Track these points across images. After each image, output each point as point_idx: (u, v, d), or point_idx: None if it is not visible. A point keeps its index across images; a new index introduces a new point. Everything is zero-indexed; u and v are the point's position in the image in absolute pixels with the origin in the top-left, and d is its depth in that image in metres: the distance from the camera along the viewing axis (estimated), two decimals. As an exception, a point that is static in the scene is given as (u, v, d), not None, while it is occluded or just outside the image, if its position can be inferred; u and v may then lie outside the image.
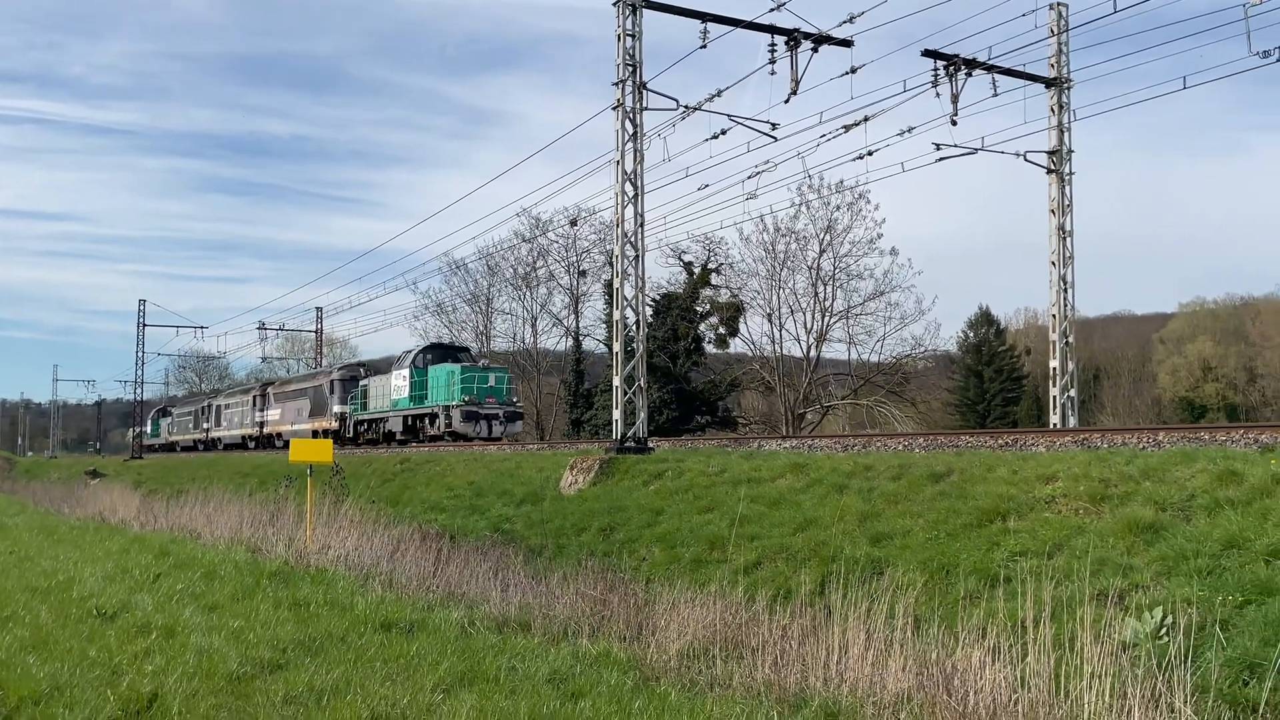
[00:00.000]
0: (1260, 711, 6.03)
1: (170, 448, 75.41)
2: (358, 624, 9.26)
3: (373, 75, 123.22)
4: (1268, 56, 18.69)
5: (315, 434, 44.81)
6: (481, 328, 62.33)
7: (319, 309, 66.02)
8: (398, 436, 38.45)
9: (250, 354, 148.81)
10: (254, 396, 56.28)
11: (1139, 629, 7.72)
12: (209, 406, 66.12)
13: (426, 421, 36.39)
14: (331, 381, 46.61)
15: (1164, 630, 7.62)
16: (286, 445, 41.48)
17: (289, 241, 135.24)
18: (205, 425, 65.30)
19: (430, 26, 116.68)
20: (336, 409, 44.79)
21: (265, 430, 54.32)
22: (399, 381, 38.40)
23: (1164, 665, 6.20)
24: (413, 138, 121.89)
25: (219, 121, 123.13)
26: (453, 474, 24.63)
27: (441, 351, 38.76)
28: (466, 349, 42.21)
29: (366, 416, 41.35)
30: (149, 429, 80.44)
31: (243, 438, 57.50)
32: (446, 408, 34.63)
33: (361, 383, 43.02)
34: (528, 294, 60.81)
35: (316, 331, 67.60)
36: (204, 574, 12.84)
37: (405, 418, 37.49)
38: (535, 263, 59.42)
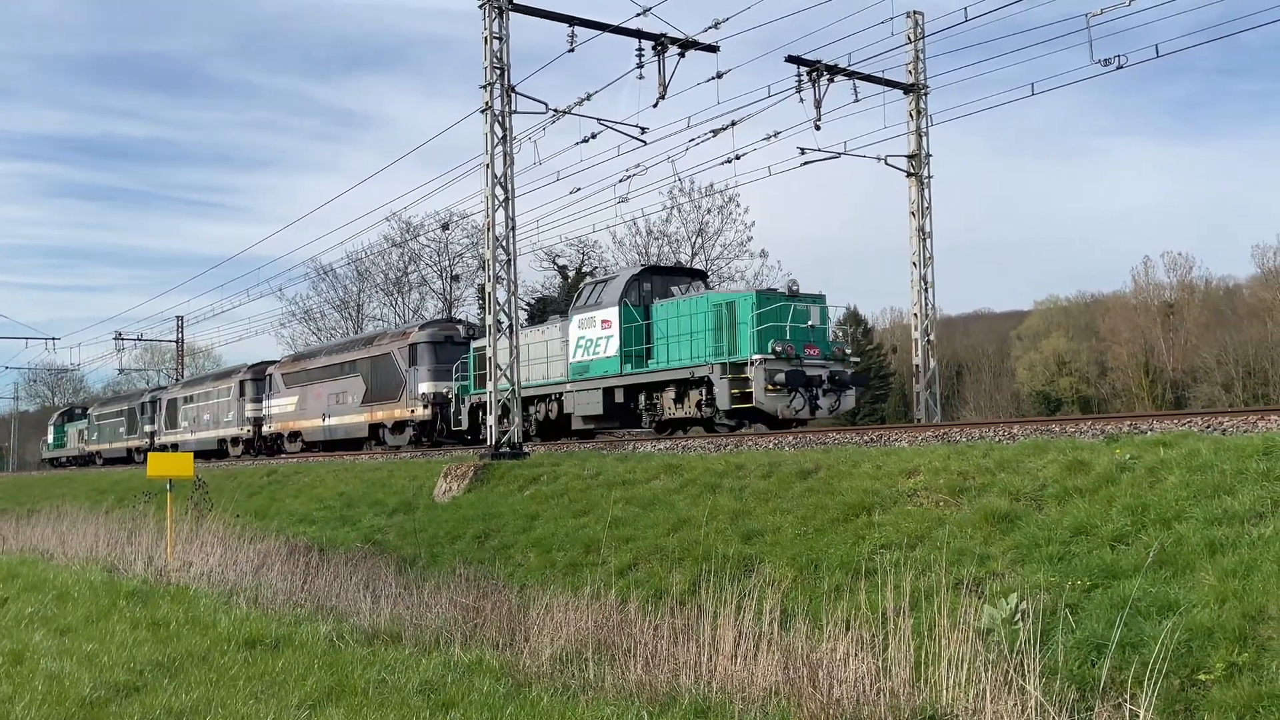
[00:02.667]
0: (1101, 687, 6.33)
1: (85, 460, 61.95)
2: (220, 642, 8.98)
3: (235, 76, 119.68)
4: (1108, 64, 19.67)
5: (381, 429, 32.64)
6: (351, 334, 61.11)
7: (180, 318, 63.76)
8: (595, 423, 24.02)
9: (107, 365, 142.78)
10: (241, 382, 42.71)
11: (995, 615, 8.02)
12: (154, 403, 52.62)
13: (664, 395, 21.91)
14: (412, 348, 31.41)
15: (1018, 616, 7.93)
16: (312, 449, 35.98)
17: (148, 248, 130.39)
18: (149, 428, 52.43)
19: (294, 26, 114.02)
20: (424, 388, 30.38)
21: (269, 428, 40.20)
22: (589, 332, 23.33)
23: (1016, 649, 6.45)
24: (278, 140, 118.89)
25: (71, 124, 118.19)
26: (322, 485, 24.08)
27: (666, 279, 23.90)
28: (702, 274, 25.88)
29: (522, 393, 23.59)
30: (50, 438, 68.31)
31: (221, 442, 43.93)
32: (727, 368, 20.28)
33: (475, 345, 27.81)
34: (399, 299, 59.96)
35: (178, 341, 65.25)
36: (56, 596, 12.29)
37: (611, 391, 22.76)
38: (407, 268, 58.57)
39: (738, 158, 23.95)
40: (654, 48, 21.35)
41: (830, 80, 23.11)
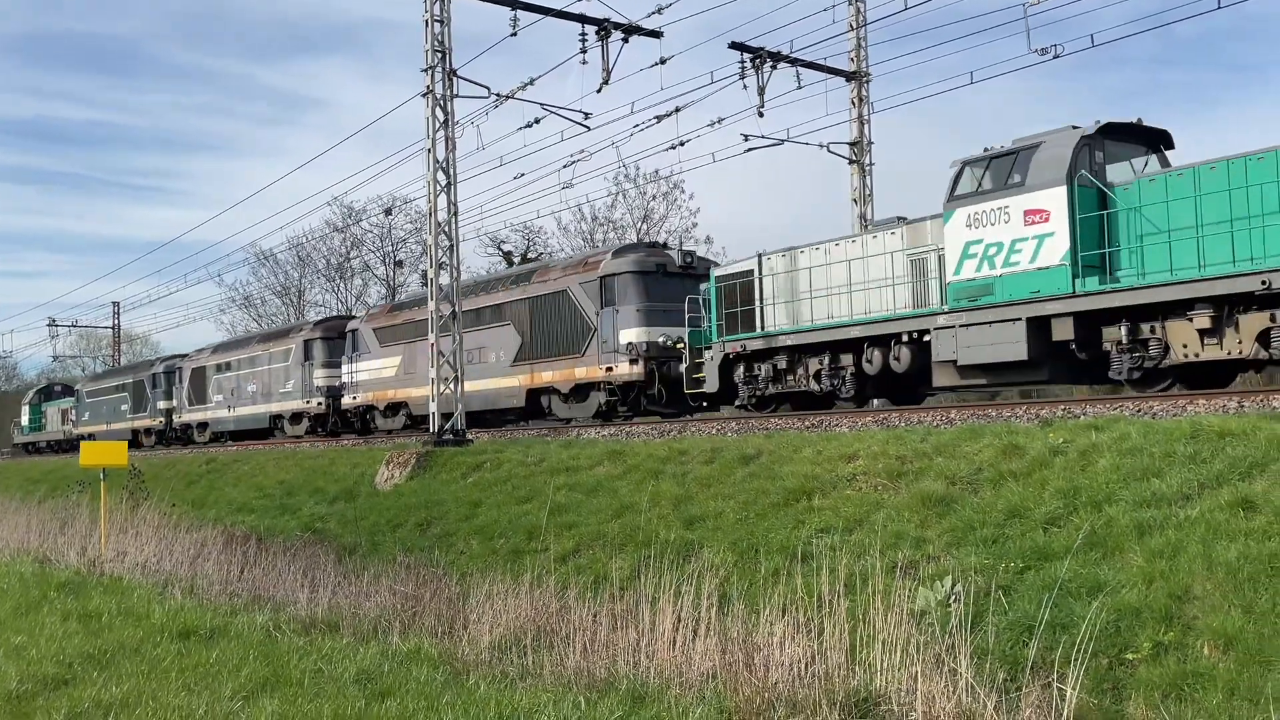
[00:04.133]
0: (1030, 667, 6.44)
1: (73, 445, 49.21)
2: (153, 633, 8.84)
3: (175, 58, 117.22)
4: (1045, 54, 19.93)
5: (547, 396, 24.49)
6: (293, 320, 60.33)
7: (116, 303, 62.49)
8: (994, 378, 15.82)
9: (40, 353, 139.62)
10: (306, 342, 33.84)
11: (930, 597, 8.14)
12: (171, 373, 42.95)
13: (1172, 324, 13.91)
14: (604, 281, 22.81)
15: (953, 598, 8.05)
16: (424, 425, 24.15)
17: (84, 233, 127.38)
18: (164, 404, 43.34)
19: (236, 7, 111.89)
20: (629, 336, 21.98)
21: (355, 399, 30.92)
22: (996, 231, 15.27)
23: (948, 631, 6.55)
24: (219, 124, 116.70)
25: (3, 105, 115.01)
26: (262, 473, 23.79)
27: (1124, 144, 15.45)
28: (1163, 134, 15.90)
29: (788, 340, 18.50)
30: (24, 419, 59.61)
31: (276, 419, 34.95)
32: None
33: (720, 274, 20.33)
34: (342, 285, 59.24)
35: (113, 327, 64.00)
36: (-17, 589, 12.01)
37: (1046, 323, 14.81)
38: (349, 253, 57.89)
39: (682, 144, 23.97)
40: (597, 32, 21.26)
41: (773, 67, 23.17)
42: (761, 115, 23.20)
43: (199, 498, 23.14)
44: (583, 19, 21.21)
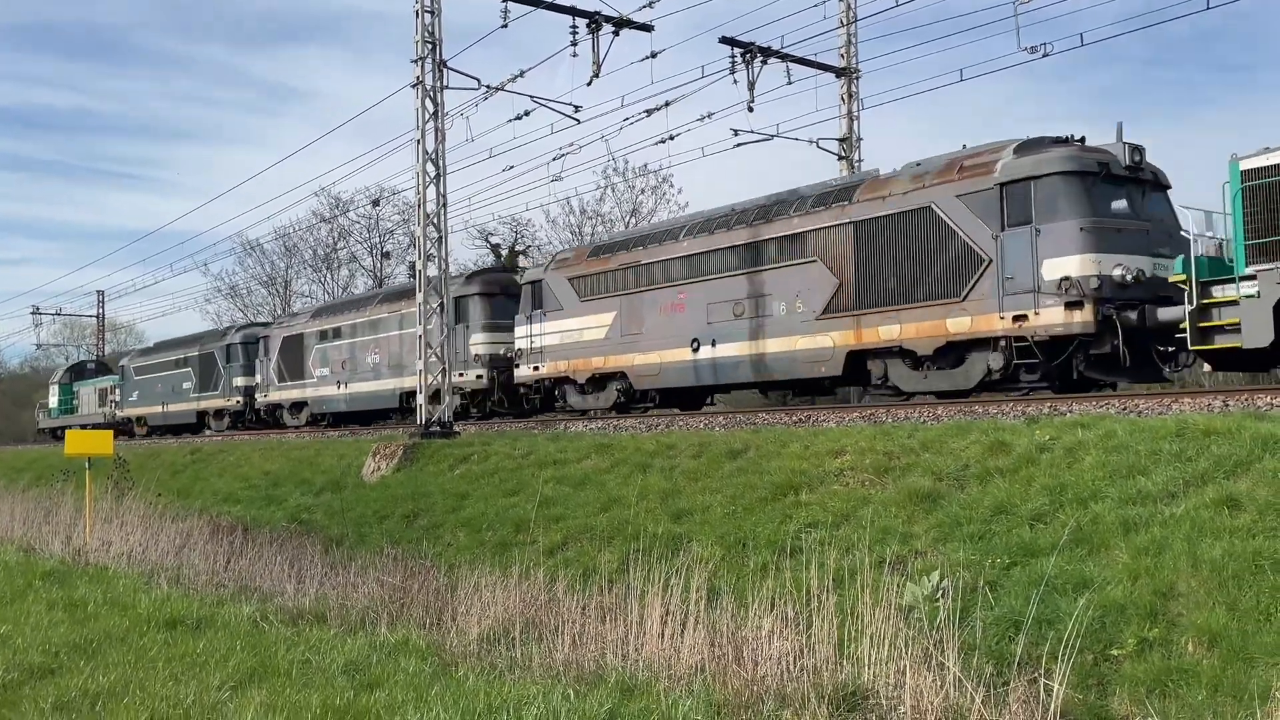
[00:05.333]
0: (1017, 663, 6.49)
1: (116, 430, 38.95)
2: (140, 623, 8.81)
3: (162, 46, 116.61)
4: (1035, 52, 20.01)
5: (884, 360, 17.62)
6: (280, 311, 60.13)
7: (100, 292, 62.08)
8: None
9: (23, 341, 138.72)
10: (457, 300, 25.82)
11: (916, 592, 8.18)
12: (252, 344, 36.04)
13: None
14: (1008, 191, 15.83)
15: (939, 593, 8.10)
16: (667, 405, 21.33)
17: (68, 220, 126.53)
18: (241, 380, 36.42)
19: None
20: (1066, 265, 14.96)
21: (543, 369, 23.96)
22: None
23: (936, 626, 6.59)
24: (206, 112, 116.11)
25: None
26: (248, 463, 23.73)
27: None
28: None
29: None
30: (51, 402, 53.29)
31: (407, 397, 26.94)
32: None
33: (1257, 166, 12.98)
34: (328, 276, 58.95)
35: (98, 316, 63.68)
36: (-32, 578, 11.94)
37: None
38: (336, 244, 57.64)
39: (672, 138, 24.05)
40: (588, 25, 21.27)
41: (764, 62, 23.23)
42: (751, 110, 23.27)
43: (184, 488, 23.07)
44: (574, 11, 21.21)
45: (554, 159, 25.70)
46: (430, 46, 20.93)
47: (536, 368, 24.15)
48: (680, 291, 20.77)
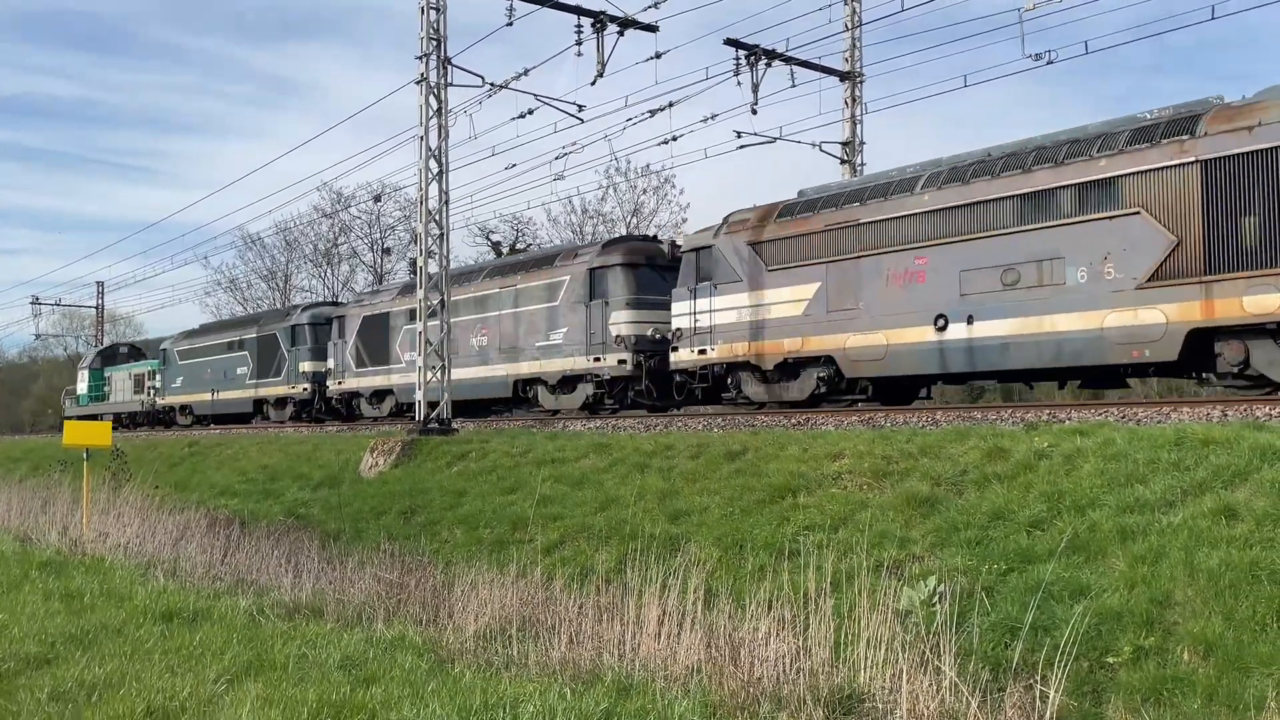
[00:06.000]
0: (1014, 669, 6.51)
1: (154, 419, 42.20)
2: (136, 614, 8.80)
3: (164, 38, 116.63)
4: (1039, 59, 20.01)
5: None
6: (279, 305, 60.13)
7: (100, 283, 62.05)
8: None
9: (22, 331, 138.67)
10: (590, 272, 22.74)
11: (913, 597, 8.19)
12: (322, 325, 32.48)
13: None
14: None
15: (936, 598, 8.11)
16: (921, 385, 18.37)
17: (69, 211, 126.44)
18: (308, 366, 32.43)
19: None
20: None
21: (717, 350, 19.82)
22: None
23: (932, 631, 6.59)
24: (208, 105, 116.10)
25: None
26: (245, 457, 23.74)
27: None
28: None
29: None
30: (81, 388, 49.47)
31: (524, 386, 24.38)
32: None
33: None
34: (329, 271, 58.96)
35: (98, 307, 63.60)
36: (-36, 567, 11.93)
37: None
38: (337, 239, 57.65)
39: (674, 139, 24.02)
40: (593, 25, 21.26)
41: (768, 65, 23.23)
42: (755, 113, 23.26)
43: (182, 480, 23.07)
44: (579, 10, 21.20)
45: (556, 158, 25.73)
46: (435, 43, 20.95)
47: (703, 351, 19.94)
48: (919, 256, 16.49)
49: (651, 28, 21.49)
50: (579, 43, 21.26)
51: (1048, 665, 6.20)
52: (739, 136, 24.22)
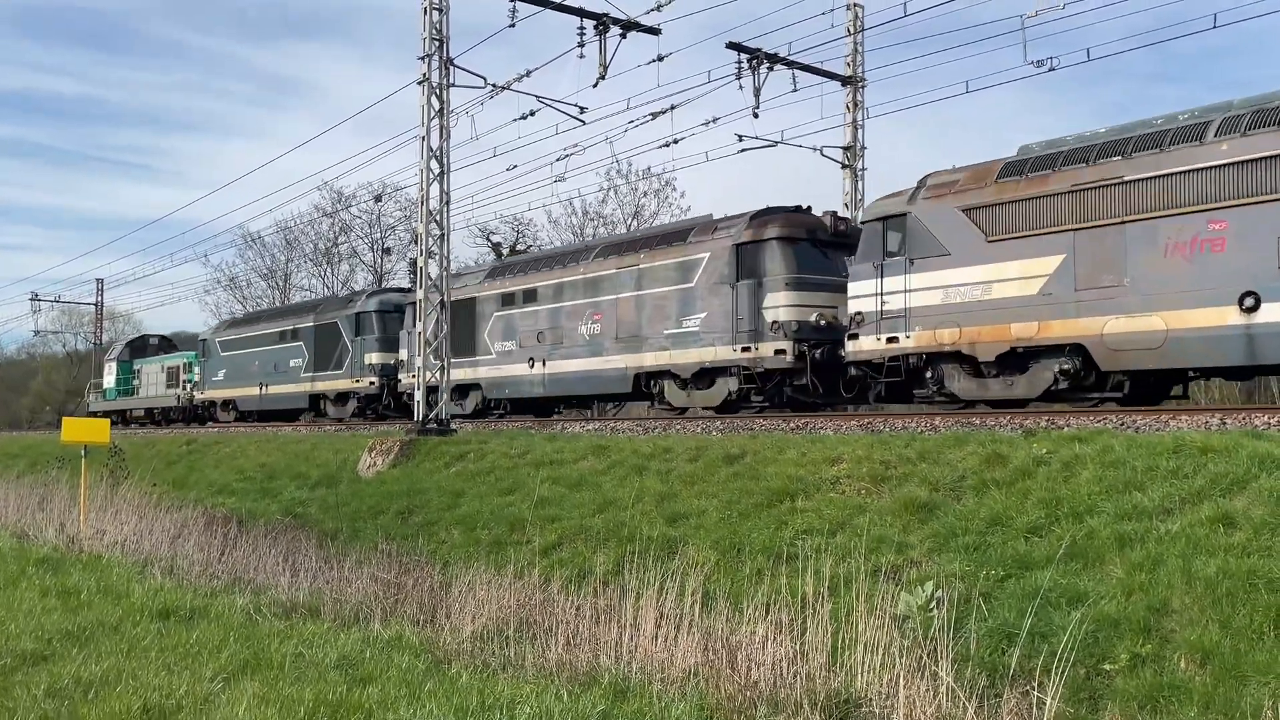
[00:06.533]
0: (1011, 674, 6.51)
1: (190, 415, 39.55)
2: (133, 612, 8.79)
3: (166, 35, 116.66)
4: (1041, 65, 20.05)
5: None
6: (279, 303, 60.11)
7: (100, 280, 61.99)
8: None
9: (20, 327, 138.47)
10: (736, 248, 19.72)
11: (911, 602, 8.19)
12: (392, 313, 29.68)
13: None
14: None
15: (933, 603, 8.11)
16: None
17: (69, 207, 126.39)
18: (382, 358, 29.23)
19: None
20: None
21: (912, 338, 16.71)
22: None
23: (930, 636, 6.60)
24: (209, 103, 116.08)
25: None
26: (244, 456, 23.73)
27: None
28: None
29: None
30: (107, 381, 46.66)
31: (655, 379, 21.39)
32: None
33: None
34: (328, 270, 58.97)
35: (97, 304, 63.56)
36: (-39, 562, 11.92)
37: None
38: (337, 238, 57.65)
39: (676, 142, 24.02)
40: (596, 27, 21.27)
41: (770, 69, 23.25)
42: (756, 116, 23.27)
43: (179, 478, 23.06)
44: (581, 13, 21.22)
45: (558, 159, 25.69)
46: (437, 44, 20.96)
47: (893, 338, 16.90)
48: (1214, 219, 13.50)
49: (654, 30, 21.51)
50: (581, 45, 21.28)
51: (1045, 671, 6.21)
52: (740, 140, 24.26)
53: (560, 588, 9.67)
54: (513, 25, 20.94)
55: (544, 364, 23.87)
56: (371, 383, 29.44)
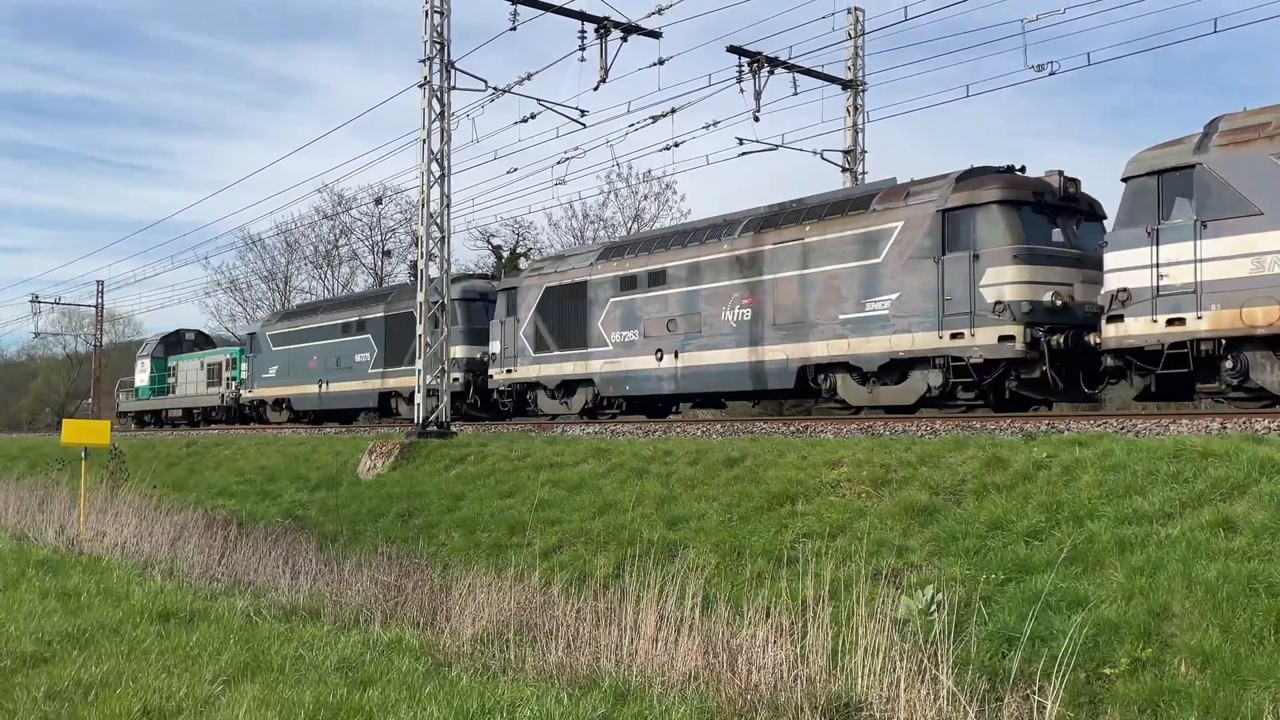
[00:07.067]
0: (1012, 679, 6.50)
1: (234, 414, 37.52)
2: (133, 614, 8.80)
3: (167, 36, 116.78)
4: (1041, 70, 20.07)
5: None
6: (279, 307, 60.11)
7: (100, 282, 61.97)
8: None
9: (20, 329, 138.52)
10: (942, 215, 16.65)
11: (911, 606, 8.18)
12: (480, 301, 27.91)
13: None
14: None
15: (934, 607, 8.11)
16: None
17: (69, 209, 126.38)
18: (468, 352, 27.09)
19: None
20: None
21: None
22: None
23: (930, 640, 6.59)
24: (210, 104, 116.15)
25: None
26: (243, 458, 23.72)
27: None
28: None
29: None
30: (141, 379, 44.29)
31: (827, 372, 18.41)
32: None
33: None
34: (329, 273, 58.97)
35: (97, 306, 63.54)
36: (-40, 564, 11.92)
37: None
38: (337, 241, 57.69)
39: (676, 145, 24.04)
40: (596, 30, 21.30)
41: (770, 72, 23.28)
42: (757, 120, 23.29)
43: (179, 480, 23.05)
44: (583, 16, 21.25)
45: (558, 162, 25.69)
46: (438, 47, 20.98)
47: (1177, 320, 13.64)
48: None
49: (655, 34, 21.53)
50: (582, 48, 21.30)
51: (1045, 676, 6.20)
52: (741, 143, 24.28)
53: (560, 590, 9.66)
54: (514, 28, 20.99)
55: (676, 356, 20.83)
56: (456, 379, 26.02)
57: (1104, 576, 8.11)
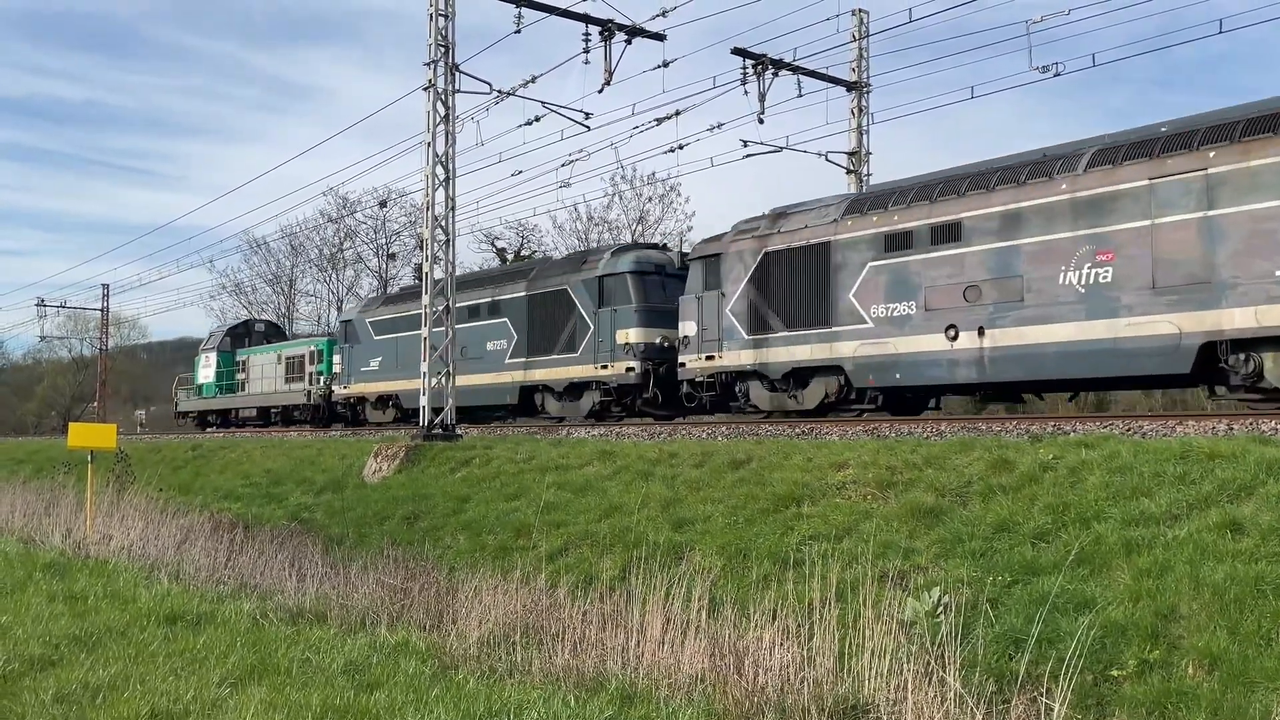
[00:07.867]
0: (1019, 681, 6.49)
1: (318, 415, 33.58)
2: (140, 617, 8.81)
3: (172, 40, 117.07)
4: (1046, 71, 20.06)
5: None
6: (284, 309, 60.23)
7: (105, 286, 62.08)
8: None
9: (26, 333, 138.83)
10: None
11: (917, 608, 8.17)
12: (651, 273, 23.20)
13: None
14: None
15: (940, 609, 8.10)
16: None
17: (75, 212, 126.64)
18: (644, 336, 22.27)
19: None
20: None
21: None
22: None
23: (937, 642, 6.59)
24: (215, 108, 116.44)
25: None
26: (249, 461, 23.75)
27: None
28: None
29: None
30: (203, 376, 40.32)
31: (1219, 350, 13.14)
32: None
33: None
34: (333, 276, 59.08)
35: (102, 310, 63.69)
36: (-32, 568, 11.94)
37: None
38: (342, 244, 57.78)
39: (681, 147, 24.02)
40: (601, 33, 21.31)
41: (775, 74, 23.27)
42: (761, 122, 23.27)
43: (185, 483, 23.09)
44: (587, 19, 21.26)
45: (563, 165, 25.71)
46: (443, 50, 21.00)
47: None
48: None
49: (659, 36, 21.53)
50: (586, 51, 21.32)
51: (1052, 678, 6.19)
52: (745, 145, 24.27)
53: (566, 593, 9.66)
54: (518, 31, 21.00)
55: (980, 334, 16.07)
56: (630, 369, 22.19)
57: (1111, 578, 8.09)
